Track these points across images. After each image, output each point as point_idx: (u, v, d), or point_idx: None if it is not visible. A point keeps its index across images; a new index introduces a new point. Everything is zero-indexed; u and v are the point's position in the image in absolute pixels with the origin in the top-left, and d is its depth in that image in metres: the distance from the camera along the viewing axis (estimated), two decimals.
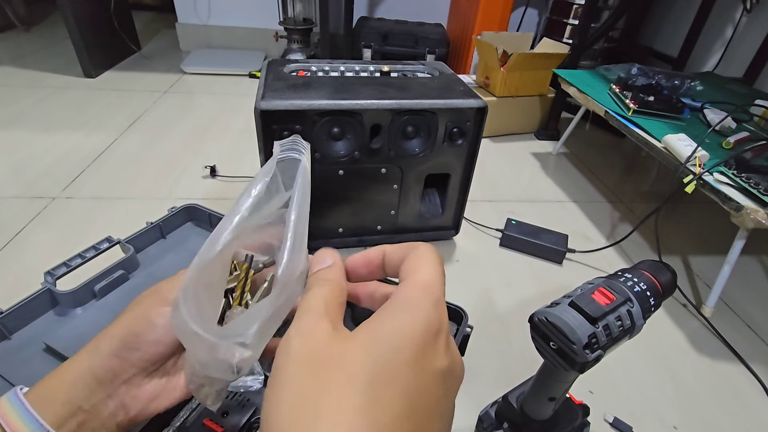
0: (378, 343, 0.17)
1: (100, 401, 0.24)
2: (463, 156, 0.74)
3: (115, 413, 0.25)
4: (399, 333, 0.17)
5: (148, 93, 1.45)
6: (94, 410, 0.24)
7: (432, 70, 0.81)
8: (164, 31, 2.16)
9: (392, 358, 0.16)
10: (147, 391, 0.26)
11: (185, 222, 0.72)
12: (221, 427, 0.44)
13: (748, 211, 0.64)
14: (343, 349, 0.17)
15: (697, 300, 0.79)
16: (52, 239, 0.79)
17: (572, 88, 1.08)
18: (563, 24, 1.51)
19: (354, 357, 0.16)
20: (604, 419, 0.57)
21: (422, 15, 1.87)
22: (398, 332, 0.17)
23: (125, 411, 0.25)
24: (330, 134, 0.66)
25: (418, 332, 0.17)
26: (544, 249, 0.84)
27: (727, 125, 0.89)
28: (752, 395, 0.63)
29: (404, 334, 0.17)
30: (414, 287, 0.19)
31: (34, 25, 2.04)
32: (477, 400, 0.57)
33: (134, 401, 0.25)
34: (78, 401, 0.23)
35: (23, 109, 1.27)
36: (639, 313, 0.35)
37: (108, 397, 0.24)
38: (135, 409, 0.25)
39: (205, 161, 1.04)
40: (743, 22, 1.33)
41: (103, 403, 0.24)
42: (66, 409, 0.23)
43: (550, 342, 0.34)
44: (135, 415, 0.25)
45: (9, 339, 0.49)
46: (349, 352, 0.17)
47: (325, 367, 0.16)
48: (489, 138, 1.33)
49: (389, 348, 0.17)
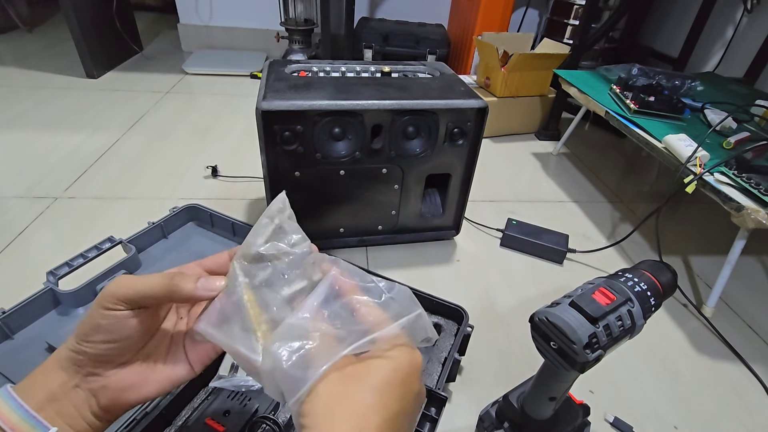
0: (384, 369, 0.25)
1: (70, 389, 0.26)
2: (464, 156, 0.75)
3: (87, 401, 0.27)
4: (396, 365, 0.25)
5: (150, 93, 1.45)
6: (65, 398, 0.26)
7: (433, 70, 0.81)
8: (166, 31, 2.16)
9: (392, 378, 0.24)
10: (116, 382, 0.27)
11: (187, 222, 0.72)
12: (223, 426, 0.44)
13: (748, 211, 0.64)
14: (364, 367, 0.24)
15: (698, 300, 0.79)
16: (54, 239, 0.79)
17: (573, 88, 1.08)
18: (564, 24, 1.52)
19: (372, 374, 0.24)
20: (604, 419, 0.57)
21: (423, 15, 1.87)
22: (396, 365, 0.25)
23: (96, 399, 0.27)
24: (331, 134, 0.66)
25: (412, 366, 0.26)
26: (545, 249, 0.84)
27: (728, 125, 0.89)
28: (753, 395, 0.63)
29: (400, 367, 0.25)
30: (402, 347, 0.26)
31: (36, 26, 2.05)
32: (477, 400, 0.57)
33: (103, 391, 0.27)
34: (52, 389, 0.26)
35: (26, 109, 1.28)
36: (639, 313, 0.35)
37: (76, 386, 0.26)
38: (105, 398, 0.27)
39: (207, 161, 1.05)
40: (744, 23, 1.33)
41: (74, 391, 0.26)
42: (43, 396, 0.26)
43: (550, 342, 0.34)
44: (107, 404, 0.27)
45: (12, 338, 0.50)
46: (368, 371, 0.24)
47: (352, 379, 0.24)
48: (490, 138, 1.33)
49: (391, 370, 0.24)
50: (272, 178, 0.66)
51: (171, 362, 0.30)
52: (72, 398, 0.26)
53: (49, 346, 0.49)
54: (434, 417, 0.46)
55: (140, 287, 0.26)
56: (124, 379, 0.27)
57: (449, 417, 0.55)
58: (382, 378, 0.24)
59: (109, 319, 0.26)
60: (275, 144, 0.63)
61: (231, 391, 0.47)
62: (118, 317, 0.26)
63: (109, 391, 0.27)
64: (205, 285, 0.28)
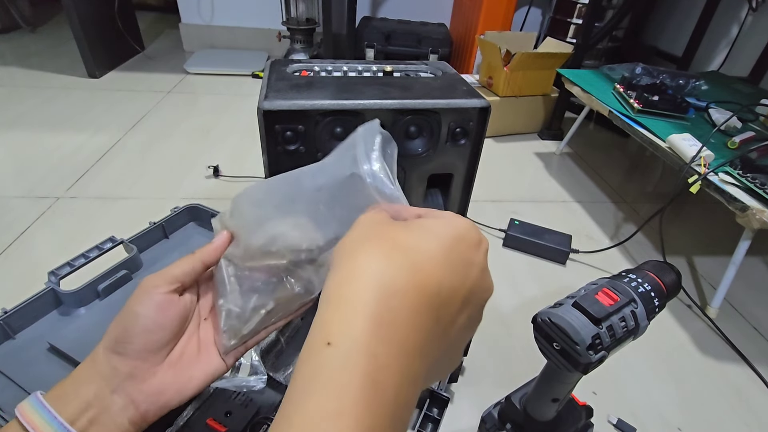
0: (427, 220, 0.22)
1: (106, 396, 0.25)
2: (466, 156, 0.74)
3: (125, 408, 0.25)
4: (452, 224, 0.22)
5: (152, 93, 1.46)
6: (102, 406, 0.25)
7: (435, 70, 0.81)
8: (168, 31, 2.16)
9: (437, 229, 0.21)
10: (153, 385, 0.26)
11: (188, 222, 0.72)
12: (224, 426, 0.44)
13: (753, 212, 0.63)
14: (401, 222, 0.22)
15: (702, 301, 0.78)
16: (56, 239, 0.79)
17: (576, 87, 1.07)
18: (567, 23, 1.51)
19: (408, 221, 0.22)
20: (607, 420, 0.56)
21: (425, 15, 1.87)
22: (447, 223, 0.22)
23: (135, 406, 0.26)
24: (333, 134, 0.66)
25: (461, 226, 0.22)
26: (548, 249, 0.83)
27: (733, 125, 0.88)
28: (757, 397, 0.63)
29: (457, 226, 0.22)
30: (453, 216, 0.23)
31: (39, 26, 2.05)
32: (480, 401, 0.57)
33: (142, 396, 0.26)
34: (87, 397, 0.25)
35: (28, 109, 1.28)
36: (643, 314, 0.35)
37: (113, 392, 0.25)
38: (144, 403, 0.26)
39: (208, 161, 1.05)
40: (749, 21, 1.32)
41: (110, 399, 0.25)
42: (77, 406, 0.24)
43: (553, 343, 0.34)
44: (145, 410, 0.26)
45: (13, 338, 0.49)
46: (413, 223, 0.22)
47: (385, 222, 0.22)
48: (492, 138, 1.33)
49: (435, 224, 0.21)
50: None
51: (204, 359, 0.29)
52: (108, 407, 0.25)
53: (50, 346, 0.49)
54: (437, 418, 0.45)
55: (171, 270, 0.28)
56: (162, 381, 0.27)
57: (452, 418, 0.55)
58: (426, 223, 0.21)
59: (150, 306, 0.26)
60: (277, 144, 0.63)
61: (233, 392, 0.47)
62: (161, 302, 0.26)
63: (148, 396, 0.26)
64: (215, 240, 0.29)
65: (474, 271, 0.21)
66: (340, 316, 0.18)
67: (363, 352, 0.17)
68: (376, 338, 0.17)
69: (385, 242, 0.20)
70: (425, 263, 0.19)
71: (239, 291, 0.29)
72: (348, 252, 0.20)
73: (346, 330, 0.17)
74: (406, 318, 0.18)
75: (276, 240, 0.27)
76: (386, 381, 0.17)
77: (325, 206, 0.27)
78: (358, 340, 0.17)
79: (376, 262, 0.19)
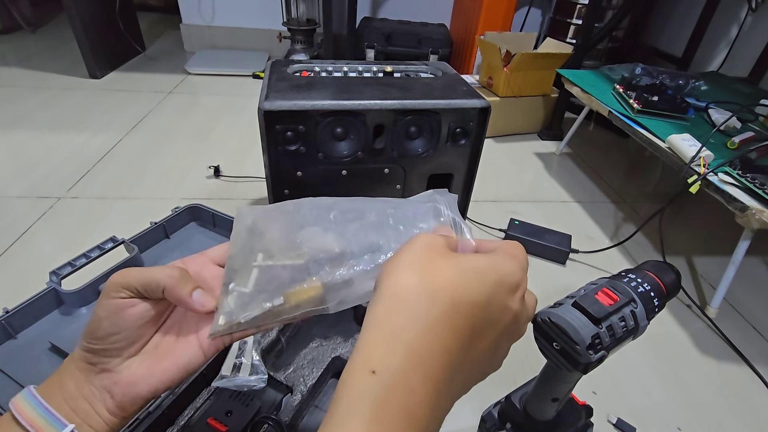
0: (479, 259, 0.23)
1: (84, 387, 0.27)
2: (467, 156, 0.74)
3: (101, 398, 0.27)
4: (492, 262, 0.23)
5: (153, 93, 1.46)
6: (81, 395, 0.27)
7: (435, 70, 0.81)
8: (169, 32, 2.17)
9: (483, 271, 0.22)
10: (125, 377, 0.27)
11: (189, 222, 0.72)
12: (225, 426, 0.44)
13: (753, 212, 0.63)
14: (452, 252, 0.24)
15: (702, 301, 0.78)
16: (57, 239, 0.79)
17: (576, 88, 1.07)
18: (567, 24, 1.51)
19: (459, 257, 0.23)
20: (607, 420, 0.57)
21: (425, 15, 1.87)
22: (492, 262, 0.23)
23: (110, 395, 0.27)
24: (333, 134, 0.66)
25: (504, 271, 0.23)
26: (548, 249, 0.83)
27: (732, 125, 0.88)
28: (757, 396, 0.63)
29: (496, 265, 0.23)
30: (507, 249, 0.26)
31: (40, 27, 2.05)
32: (480, 401, 0.57)
33: (116, 386, 0.27)
34: (68, 388, 0.27)
35: (29, 109, 1.28)
36: (643, 314, 0.35)
37: (90, 383, 0.27)
38: (119, 394, 0.27)
39: (209, 161, 1.05)
40: (748, 22, 1.32)
41: (88, 389, 0.27)
42: (60, 395, 0.26)
43: (553, 342, 0.34)
44: (121, 400, 0.27)
45: (15, 338, 0.50)
46: (456, 254, 0.23)
47: (438, 252, 0.23)
48: (492, 138, 1.33)
49: (482, 266, 0.23)
50: (274, 178, 0.66)
51: (181, 350, 0.29)
52: (87, 396, 0.27)
53: (52, 345, 0.49)
54: None
55: (142, 277, 0.27)
56: (134, 372, 0.28)
57: (451, 418, 0.54)
58: (473, 264, 0.23)
59: (109, 309, 0.26)
60: (277, 144, 0.63)
61: (233, 391, 0.47)
62: (118, 306, 0.27)
63: (121, 386, 0.27)
64: (199, 299, 0.28)
65: (507, 317, 0.23)
66: (384, 347, 0.20)
67: (403, 386, 0.19)
68: (415, 373, 0.19)
69: (433, 276, 0.21)
70: (464, 307, 0.21)
71: (255, 278, 0.29)
72: (396, 277, 0.22)
73: (389, 361, 0.19)
74: (440, 357, 0.20)
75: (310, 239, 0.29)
76: (420, 415, 0.19)
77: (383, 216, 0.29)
78: (398, 373, 0.19)
79: (423, 300, 0.21)
